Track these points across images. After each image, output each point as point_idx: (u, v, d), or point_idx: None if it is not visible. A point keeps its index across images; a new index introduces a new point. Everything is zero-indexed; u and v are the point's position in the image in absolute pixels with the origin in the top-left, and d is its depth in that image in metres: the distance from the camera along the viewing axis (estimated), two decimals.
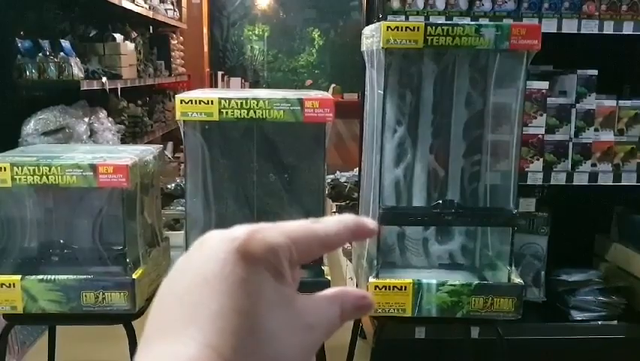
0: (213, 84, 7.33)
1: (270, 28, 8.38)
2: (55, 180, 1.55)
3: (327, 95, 1.61)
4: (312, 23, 8.72)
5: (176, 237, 2.34)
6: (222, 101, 1.54)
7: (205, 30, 7.05)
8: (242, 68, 8.16)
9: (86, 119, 3.45)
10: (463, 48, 1.60)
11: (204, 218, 1.66)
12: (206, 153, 1.62)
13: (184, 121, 1.56)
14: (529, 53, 1.62)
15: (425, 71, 1.82)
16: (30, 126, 3.29)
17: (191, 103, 1.55)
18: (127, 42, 4.26)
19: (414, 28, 1.57)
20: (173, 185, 4.03)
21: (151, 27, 5.41)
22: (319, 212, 1.66)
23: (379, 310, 1.63)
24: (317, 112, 1.55)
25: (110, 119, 3.78)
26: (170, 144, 5.46)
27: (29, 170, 1.55)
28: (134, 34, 4.62)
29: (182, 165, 5.41)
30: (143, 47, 4.75)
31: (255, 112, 1.54)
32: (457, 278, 1.77)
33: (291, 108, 1.55)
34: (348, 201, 4.35)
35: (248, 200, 1.67)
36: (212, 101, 1.55)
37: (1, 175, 1.55)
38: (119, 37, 4.15)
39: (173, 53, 5.67)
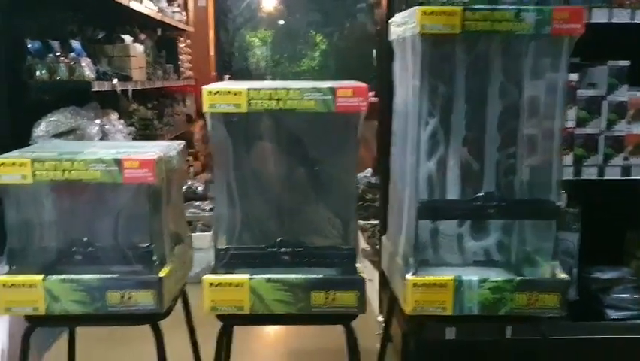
0: None
1: (274, 31, 8.34)
2: (78, 175, 1.48)
3: (361, 83, 1.54)
4: (317, 26, 8.68)
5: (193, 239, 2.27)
6: (251, 92, 1.48)
7: (211, 33, 7.00)
8: (247, 72, 8.11)
9: (98, 121, 3.39)
10: (502, 33, 1.53)
11: (230, 216, 1.59)
12: (233, 147, 1.55)
13: (211, 114, 1.50)
14: (571, 39, 1.55)
15: (458, 60, 1.75)
16: (41, 128, 3.22)
17: (219, 94, 1.48)
18: (136, 44, 4.20)
19: (451, 12, 1.50)
20: (184, 187, 3.97)
21: (159, 30, 5.36)
22: (349, 210, 1.59)
23: (418, 309, 1.55)
24: (350, 101, 1.48)
25: (122, 121, 3.72)
26: None
27: (51, 165, 1.48)
28: (142, 37, 4.56)
29: (191, 168, 5.34)
30: (151, 50, 4.69)
31: (284, 102, 1.48)
32: (493, 276, 1.69)
33: (323, 98, 1.48)
34: (362, 202, 4.28)
35: (275, 197, 1.59)
36: (240, 92, 1.48)
37: (21, 171, 1.48)
38: (127, 38, 4.10)
39: (181, 57, 5.62)
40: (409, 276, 1.56)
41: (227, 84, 1.53)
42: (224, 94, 1.48)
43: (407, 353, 2.32)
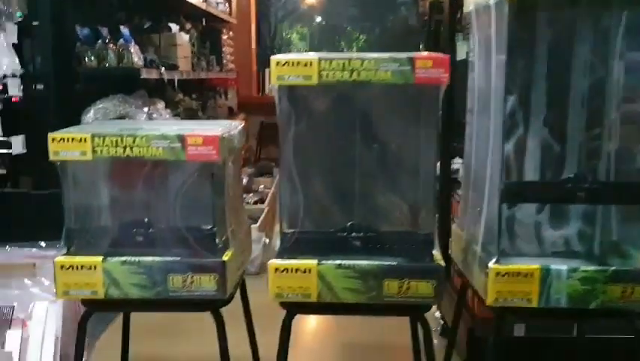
0: (260, 83, 7.23)
1: (314, 25, 8.26)
2: (139, 152, 1.41)
3: (441, 54, 1.42)
4: (357, 21, 8.56)
5: None
6: (323, 62, 1.37)
7: (253, 27, 6.94)
8: None
9: (146, 109, 3.34)
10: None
11: (296, 198, 1.48)
12: (301, 124, 1.45)
13: (279, 86, 1.40)
14: None
15: (540, 32, 1.62)
16: (90, 115, 3.19)
17: (288, 65, 1.38)
18: (182, 33, 4.16)
19: None
20: None
21: (203, 20, 5.31)
22: (428, 192, 1.46)
23: (501, 300, 1.43)
24: (430, 72, 1.36)
25: (168, 110, 3.67)
26: None
27: (111, 141, 1.41)
28: (188, 26, 4.52)
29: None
30: (196, 40, 4.65)
31: (358, 74, 1.37)
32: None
33: (400, 68, 1.36)
34: None
35: (345, 178, 1.48)
36: (311, 63, 1.37)
37: (81, 147, 1.41)
38: (174, 27, 4.05)
39: (223, 48, 5.57)
40: (491, 264, 1.43)
41: (296, 55, 1.42)
42: (293, 65, 1.38)
43: (475, 349, 2.19)
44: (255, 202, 4.06)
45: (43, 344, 1.63)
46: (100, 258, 1.42)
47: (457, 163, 2.60)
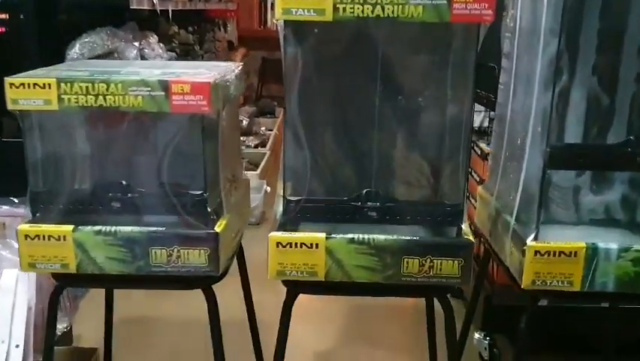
0: (263, 15, 6.83)
1: None
2: (114, 101, 1.17)
3: None
4: None
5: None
6: None
7: None
8: None
9: (137, 44, 3.06)
10: None
11: (303, 158, 1.25)
12: (311, 69, 1.20)
13: (284, 22, 1.14)
14: None
15: None
16: (75, 50, 2.91)
17: None
18: None
19: None
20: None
21: None
22: (457, 155, 1.23)
23: (538, 283, 1.23)
24: (470, 8, 1.10)
25: (162, 45, 3.38)
26: None
27: (81, 88, 1.17)
28: None
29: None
30: None
31: (382, 9, 1.11)
32: (616, 238, 1.35)
33: (434, 2, 1.10)
34: None
35: (360, 136, 1.25)
36: None
37: (45, 95, 1.17)
38: None
39: None
40: (529, 241, 1.22)
41: None
42: None
43: (492, 318, 2.03)
44: (256, 145, 3.83)
45: (13, 316, 1.45)
46: (70, 227, 1.20)
47: (476, 111, 2.35)
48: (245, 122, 3.89)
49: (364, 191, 1.22)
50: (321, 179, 1.23)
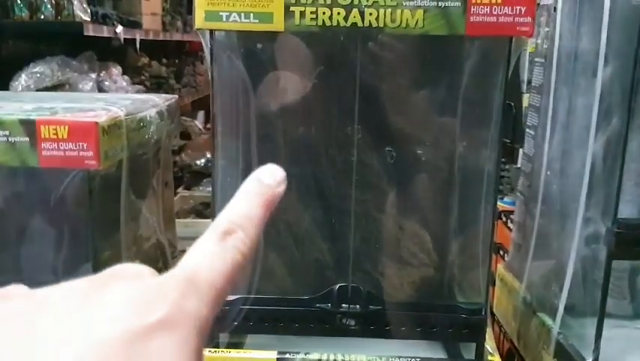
0: None
1: None
2: None
3: None
4: None
5: (205, 226, 1.56)
6: None
7: None
8: None
9: (93, 75, 2.68)
10: None
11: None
12: (254, 101, 0.80)
13: (210, 33, 0.75)
14: None
15: None
16: (20, 82, 2.55)
17: None
18: None
19: None
20: (203, 161, 3.27)
21: None
22: (478, 241, 0.82)
23: None
24: (496, 14, 0.71)
25: (126, 77, 3.01)
26: (201, 114, 4.70)
27: None
28: None
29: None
30: None
31: (361, 15, 0.72)
32: None
33: (440, 6, 0.71)
34: None
35: (332, 205, 0.84)
36: None
37: None
38: None
39: None
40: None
41: None
42: None
43: None
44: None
45: None
46: None
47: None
48: (202, 162, 3.34)
49: (337, 287, 0.81)
50: (273, 269, 0.82)
